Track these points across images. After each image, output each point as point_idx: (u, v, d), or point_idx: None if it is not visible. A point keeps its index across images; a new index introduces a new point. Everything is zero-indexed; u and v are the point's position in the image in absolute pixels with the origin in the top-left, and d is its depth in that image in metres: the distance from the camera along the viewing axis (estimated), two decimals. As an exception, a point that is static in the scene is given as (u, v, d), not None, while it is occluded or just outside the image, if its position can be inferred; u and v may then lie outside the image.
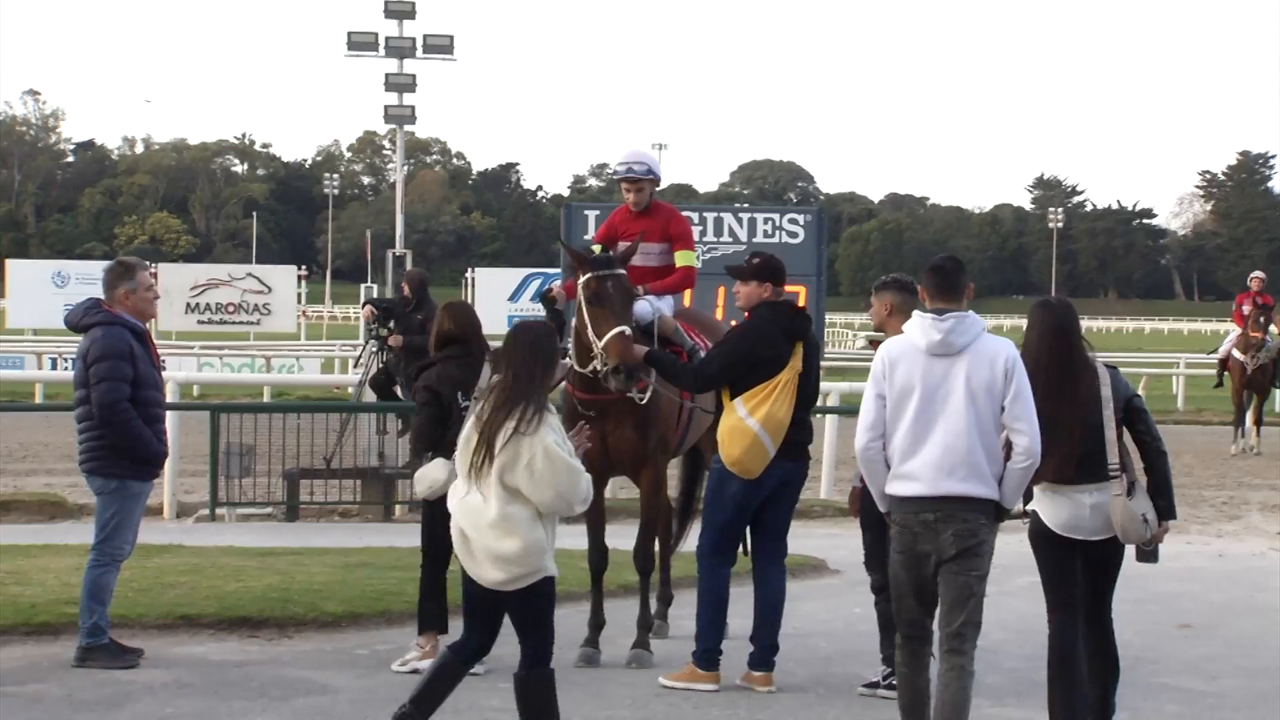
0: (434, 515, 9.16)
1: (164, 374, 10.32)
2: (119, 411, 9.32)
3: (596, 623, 9.86)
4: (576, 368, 9.55)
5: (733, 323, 11.29)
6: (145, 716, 8.29)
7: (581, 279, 9.40)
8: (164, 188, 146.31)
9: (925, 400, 7.14)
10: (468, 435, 7.28)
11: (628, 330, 9.22)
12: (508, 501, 7.08)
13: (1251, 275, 26.01)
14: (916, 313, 7.39)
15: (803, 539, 9.68)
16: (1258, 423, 25.13)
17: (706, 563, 9.24)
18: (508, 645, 7.31)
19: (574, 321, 9.66)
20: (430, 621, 9.56)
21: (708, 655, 9.15)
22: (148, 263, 10.16)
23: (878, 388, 7.26)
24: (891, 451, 7.24)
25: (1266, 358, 24.53)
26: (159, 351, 10.04)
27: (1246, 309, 24.99)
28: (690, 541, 10.86)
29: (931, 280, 7.41)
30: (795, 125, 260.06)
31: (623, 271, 9.48)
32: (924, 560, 7.19)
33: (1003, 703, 8.90)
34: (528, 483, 7.06)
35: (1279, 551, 15.31)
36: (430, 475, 9.10)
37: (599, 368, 9.29)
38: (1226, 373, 25.21)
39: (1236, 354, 24.98)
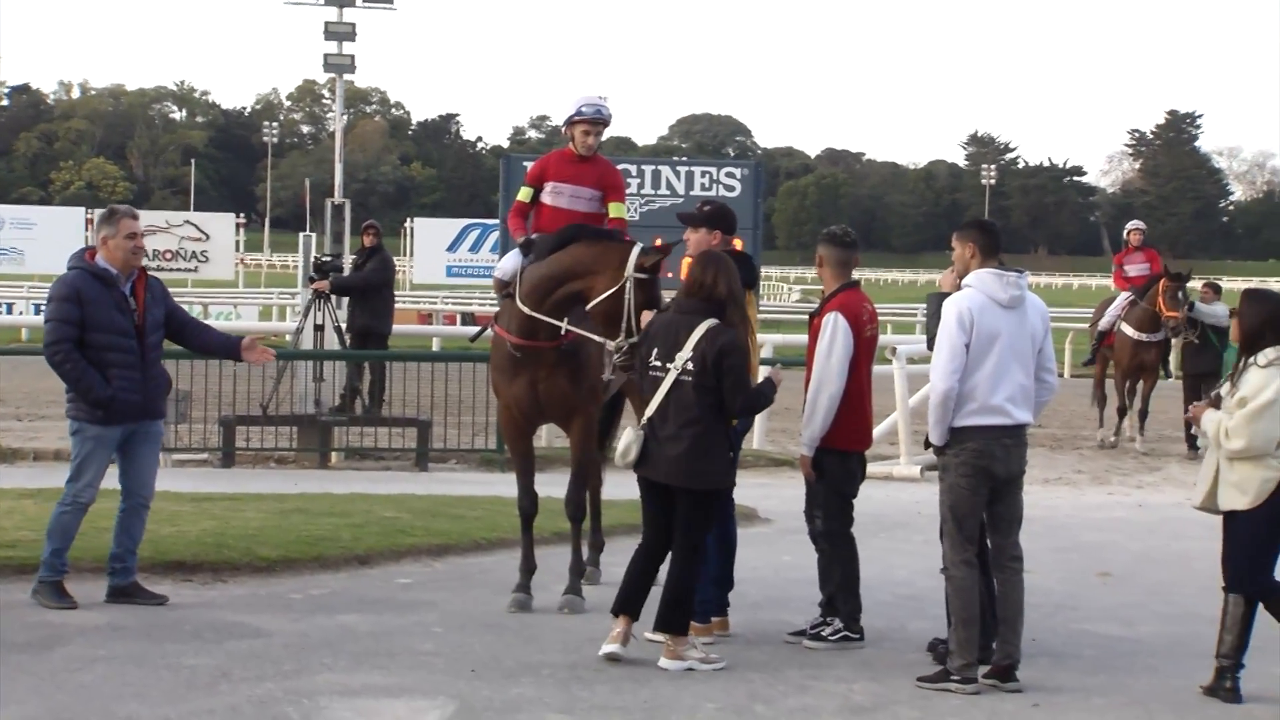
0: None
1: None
2: (56, 353, 9.39)
3: (528, 568, 9.93)
4: (526, 310, 9.55)
5: (669, 274, 11.30)
6: (77, 658, 8.30)
7: (634, 255, 9.25)
8: (101, 134, 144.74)
9: (1005, 345, 8.21)
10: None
11: None
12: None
13: (1130, 227, 21.95)
14: (987, 270, 8.29)
15: (734, 489, 9.75)
16: (1143, 413, 20.14)
17: None
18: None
19: (557, 277, 9.50)
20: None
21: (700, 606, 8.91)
22: (137, 212, 9.78)
23: (965, 336, 8.17)
24: (970, 388, 8.18)
25: (1191, 336, 19.47)
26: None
27: (1132, 270, 20.91)
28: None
29: (985, 239, 8.41)
30: (734, 80, 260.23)
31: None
32: (992, 481, 8.24)
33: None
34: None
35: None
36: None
37: (620, 344, 9.18)
38: (1107, 348, 20.54)
39: (1128, 330, 19.98)
